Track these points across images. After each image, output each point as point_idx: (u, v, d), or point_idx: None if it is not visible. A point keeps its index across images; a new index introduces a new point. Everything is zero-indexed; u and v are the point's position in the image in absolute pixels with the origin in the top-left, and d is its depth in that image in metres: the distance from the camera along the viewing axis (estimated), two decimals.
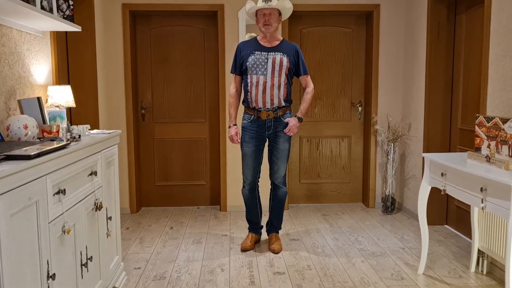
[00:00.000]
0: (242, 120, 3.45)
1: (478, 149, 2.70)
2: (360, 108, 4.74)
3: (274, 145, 3.42)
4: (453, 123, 3.92)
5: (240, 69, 3.39)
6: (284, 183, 3.53)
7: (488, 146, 2.60)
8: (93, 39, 3.86)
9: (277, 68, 3.29)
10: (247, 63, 3.31)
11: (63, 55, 3.74)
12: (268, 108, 3.33)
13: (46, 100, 2.91)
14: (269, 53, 3.30)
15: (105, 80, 4.27)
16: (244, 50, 3.35)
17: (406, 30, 4.46)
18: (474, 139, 2.75)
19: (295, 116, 3.41)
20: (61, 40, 3.66)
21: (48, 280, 1.76)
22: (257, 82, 3.29)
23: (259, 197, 3.58)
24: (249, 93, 3.34)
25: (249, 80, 3.32)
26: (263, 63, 3.29)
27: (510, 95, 2.87)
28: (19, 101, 2.43)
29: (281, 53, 3.31)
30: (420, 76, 4.15)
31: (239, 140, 3.40)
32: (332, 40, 4.67)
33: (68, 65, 3.82)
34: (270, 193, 3.60)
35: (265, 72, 3.29)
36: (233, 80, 3.48)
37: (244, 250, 3.47)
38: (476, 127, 2.72)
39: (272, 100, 3.31)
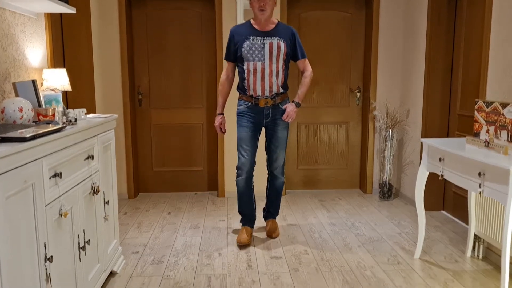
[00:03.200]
0: (238, 106, 3.29)
1: (476, 134, 2.69)
2: (358, 94, 4.72)
3: (273, 133, 3.31)
4: (452, 109, 3.91)
5: (235, 56, 3.22)
6: (283, 173, 3.44)
7: (487, 131, 2.60)
8: (88, 22, 3.81)
9: (274, 53, 3.15)
10: (243, 49, 3.14)
11: (58, 38, 3.69)
12: (267, 96, 3.20)
13: (41, 83, 2.88)
14: (265, 38, 3.14)
15: (101, 64, 4.23)
16: (238, 35, 3.18)
17: (406, 14, 4.42)
18: (473, 125, 2.74)
19: (293, 101, 3.29)
20: (56, 23, 3.61)
21: (45, 262, 1.75)
22: (255, 69, 3.15)
23: (253, 187, 3.41)
24: (246, 81, 3.19)
25: (245, 67, 3.17)
26: (259, 49, 3.14)
27: (510, 80, 2.85)
28: (13, 84, 2.40)
29: (278, 38, 3.16)
30: (419, 61, 4.13)
31: (225, 130, 3.32)
32: (331, 24, 4.62)
33: (63, 48, 3.77)
34: (267, 182, 3.50)
35: (262, 58, 3.14)
36: (225, 67, 3.32)
37: (242, 245, 3.26)
38: (475, 112, 2.71)
39: (271, 87, 3.18)
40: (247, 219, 3.43)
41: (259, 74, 3.16)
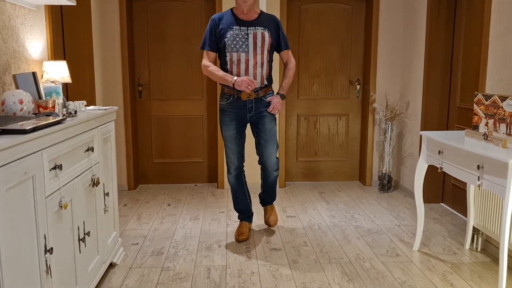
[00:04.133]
0: (220, 101, 3.17)
1: (476, 127, 2.70)
2: (358, 86, 4.72)
3: (260, 126, 3.15)
4: (452, 101, 3.91)
5: (217, 46, 3.06)
6: (277, 168, 3.27)
7: (486, 124, 2.60)
8: (88, 14, 3.80)
9: (259, 44, 3.00)
10: (225, 40, 2.99)
11: (59, 30, 3.69)
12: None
13: (42, 75, 2.88)
14: (249, 28, 3.00)
15: (101, 56, 4.23)
16: (220, 24, 3.02)
17: (406, 7, 4.41)
18: (472, 118, 2.75)
19: (277, 94, 3.16)
20: (56, 15, 3.61)
21: (45, 254, 1.76)
22: (238, 60, 3.00)
23: (246, 182, 3.35)
24: (228, 73, 3.04)
25: (228, 58, 3.02)
26: (243, 39, 2.98)
27: (510, 73, 2.85)
28: (14, 76, 2.41)
29: (262, 28, 3.02)
30: (419, 53, 4.12)
31: (255, 80, 3.00)
32: (331, 16, 4.61)
33: (64, 41, 3.77)
34: (261, 174, 3.35)
35: (246, 49, 2.99)
36: (205, 57, 3.09)
37: (241, 241, 3.22)
38: (475, 105, 2.71)
39: (255, 79, 3.03)
40: (244, 215, 3.37)
41: (243, 65, 3.02)
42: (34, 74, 2.52)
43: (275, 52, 3.21)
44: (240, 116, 3.12)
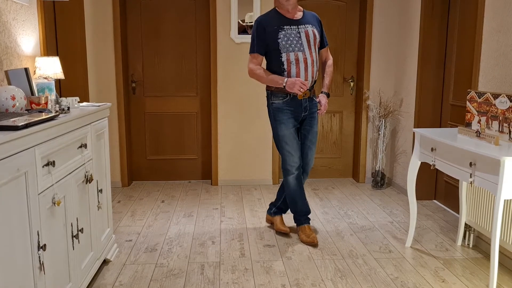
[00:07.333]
0: (273, 100, 3.06)
1: (468, 125, 2.71)
2: (352, 83, 4.73)
3: (309, 128, 3.12)
4: (445, 99, 3.93)
5: (266, 48, 3.02)
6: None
7: (479, 122, 2.62)
8: (81, 9, 3.78)
9: (311, 42, 2.99)
10: (279, 40, 2.94)
11: (51, 26, 3.66)
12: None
13: (34, 71, 2.86)
14: (299, 27, 2.98)
15: (94, 52, 4.20)
16: (269, 26, 2.97)
17: (400, 4, 4.41)
18: (465, 115, 2.76)
19: (322, 93, 3.15)
20: (48, 10, 3.58)
21: (38, 251, 1.76)
22: (297, 59, 2.95)
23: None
24: (286, 73, 2.97)
25: (284, 59, 2.96)
26: (296, 38, 2.95)
27: (502, 70, 2.87)
28: (6, 72, 2.39)
29: (310, 25, 3.01)
30: (413, 51, 4.13)
31: (311, 78, 3.00)
32: (325, 13, 4.61)
33: (56, 36, 3.74)
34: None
35: (302, 48, 2.96)
36: (251, 61, 3.05)
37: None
38: (467, 102, 2.72)
39: (313, 77, 3.02)
40: (304, 216, 3.22)
41: (303, 64, 2.97)
42: (26, 70, 2.50)
43: None
44: (297, 115, 3.08)
